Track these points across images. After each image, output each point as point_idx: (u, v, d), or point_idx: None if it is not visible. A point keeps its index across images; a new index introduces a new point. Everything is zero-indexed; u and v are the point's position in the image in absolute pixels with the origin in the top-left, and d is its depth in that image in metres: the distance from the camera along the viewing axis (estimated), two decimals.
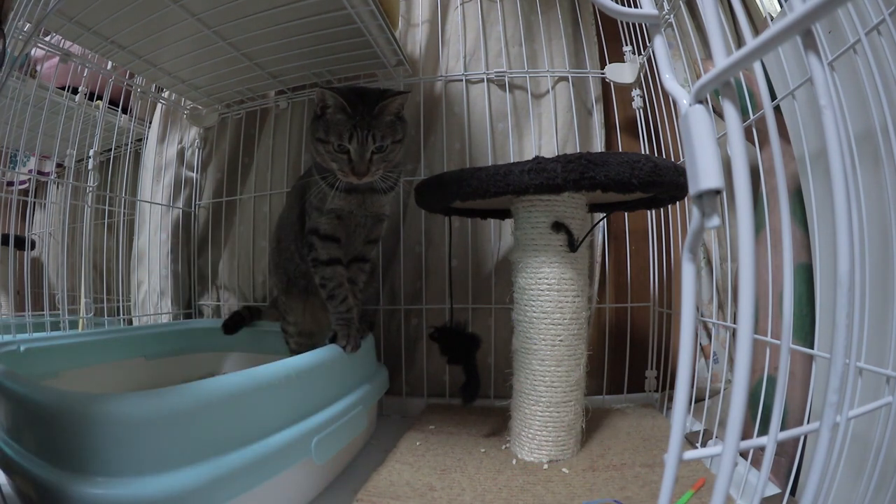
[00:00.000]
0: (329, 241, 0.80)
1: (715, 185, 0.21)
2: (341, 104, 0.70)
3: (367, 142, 0.70)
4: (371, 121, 0.71)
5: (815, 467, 0.23)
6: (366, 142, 0.70)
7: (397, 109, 0.74)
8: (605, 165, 0.60)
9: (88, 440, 0.44)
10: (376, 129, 0.71)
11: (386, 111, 0.72)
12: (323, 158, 0.73)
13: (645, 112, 1.06)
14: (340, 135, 0.70)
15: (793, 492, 0.56)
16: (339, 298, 0.78)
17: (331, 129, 0.71)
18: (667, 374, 1.00)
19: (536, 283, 0.71)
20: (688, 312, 0.23)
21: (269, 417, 0.56)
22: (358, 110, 0.70)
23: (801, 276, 0.67)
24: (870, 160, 0.49)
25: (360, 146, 0.70)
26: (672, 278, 1.02)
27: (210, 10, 0.83)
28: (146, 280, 1.30)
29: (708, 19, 0.24)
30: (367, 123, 0.70)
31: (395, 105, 0.73)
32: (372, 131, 0.70)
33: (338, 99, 0.70)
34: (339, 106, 0.71)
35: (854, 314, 0.23)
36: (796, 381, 0.65)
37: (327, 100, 0.71)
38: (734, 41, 0.85)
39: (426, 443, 0.79)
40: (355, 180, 0.72)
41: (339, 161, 0.72)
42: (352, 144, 0.70)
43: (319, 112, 0.74)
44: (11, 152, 1.37)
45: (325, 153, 0.72)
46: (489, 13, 1.13)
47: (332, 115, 0.72)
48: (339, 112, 0.71)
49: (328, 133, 0.71)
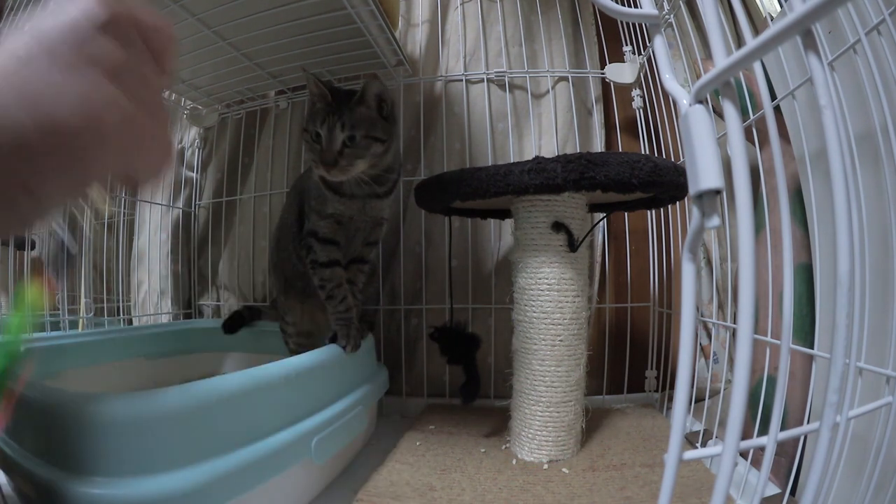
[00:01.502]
0: (328, 244, 0.79)
1: (715, 185, 0.21)
2: (323, 92, 0.70)
3: (336, 129, 0.68)
4: (345, 109, 0.69)
5: (815, 467, 0.23)
6: (334, 128, 0.68)
7: (376, 101, 0.71)
8: (605, 165, 0.60)
9: (87, 440, 0.44)
10: (347, 118, 0.68)
11: (362, 101, 0.70)
12: (308, 152, 0.73)
13: (645, 112, 1.06)
14: (315, 121, 0.70)
15: (793, 492, 0.56)
16: (339, 298, 0.78)
17: (312, 118, 0.71)
18: (667, 374, 1.00)
19: (536, 283, 0.71)
20: (688, 312, 0.23)
21: (269, 417, 0.56)
22: (337, 99, 0.70)
23: (801, 276, 0.67)
24: (870, 160, 0.49)
25: (329, 132, 0.68)
26: (672, 278, 1.02)
27: (210, 10, 0.83)
28: (146, 280, 1.30)
29: (708, 19, 0.24)
30: (339, 111, 0.68)
31: (369, 94, 0.70)
32: (343, 119, 0.68)
33: (320, 86, 0.70)
34: (321, 94, 0.70)
35: (854, 314, 0.23)
36: (796, 381, 0.65)
37: (311, 87, 0.72)
38: (734, 41, 0.85)
39: (426, 443, 0.79)
40: (325, 173, 0.69)
41: (314, 150, 0.70)
42: (322, 130, 0.68)
43: (311, 105, 0.74)
44: None
45: (305, 143, 0.72)
46: (489, 13, 1.13)
47: (316, 105, 0.72)
48: (320, 100, 0.71)
49: (308, 122, 0.71)
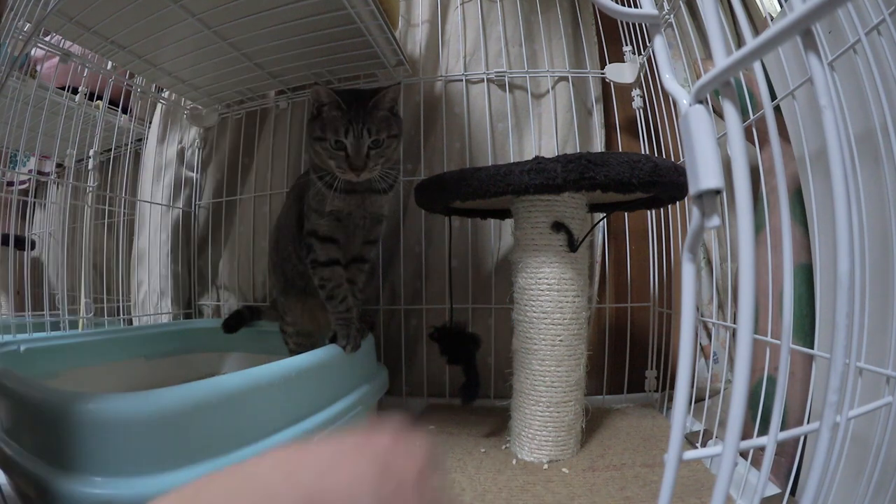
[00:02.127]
0: (328, 243, 0.79)
1: (715, 185, 0.21)
2: (336, 101, 0.71)
3: (363, 135, 0.70)
4: (365, 115, 0.71)
5: (815, 467, 0.23)
6: (361, 135, 0.70)
7: (391, 104, 0.74)
8: (605, 165, 0.60)
9: (87, 440, 0.44)
10: (371, 123, 0.71)
11: (380, 105, 0.72)
12: (321, 158, 0.73)
13: (645, 112, 1.06)
14: (336, 130, 0.70)
15: (793, 492, 0.56)
16: (339, 298, 0.78)
17: (327, 126, 0.71)
18: (667, 374, 1.00)
19: (536, 283, 0.71)
20: (688, 312, 0.23)
21: (269, 418, 0.56)
22: (352, 106, 0.71)
23: (801, 276, 0.67)
24: (870, 160, 0.49)
25: (357, 140, 0.70)
26: (672, 278, 1.02)
27: (210, 10, 0.83)
28: (146, 280, 1.30)
29: (708, 19, 0.24)
30: (361, 118, 0.70)
31: (387, 98, 0.73)
32: (367, 125, 0.70)
33: (332, 95, 0.71)
34: (334, 102, 0.71)
35: (854, 314, 0.23)
36: (796, 381, 0.65)
37: (322, 97, 0.72)
38: (734, 41, 0.85)
39: None
40: (354, 177, 0.71)
41: (336, 158, 0.71)
42: (348, 139, 0.70)
43: (315, 112, 0.74)
44: (11, 152, 1.37)
45: (323, 151, 0.72)
46: (489, 13, 1.13)
47: (327, 113, 0.72)
48: (335, 109, 0.71)
49: (325, 130, 0.71)
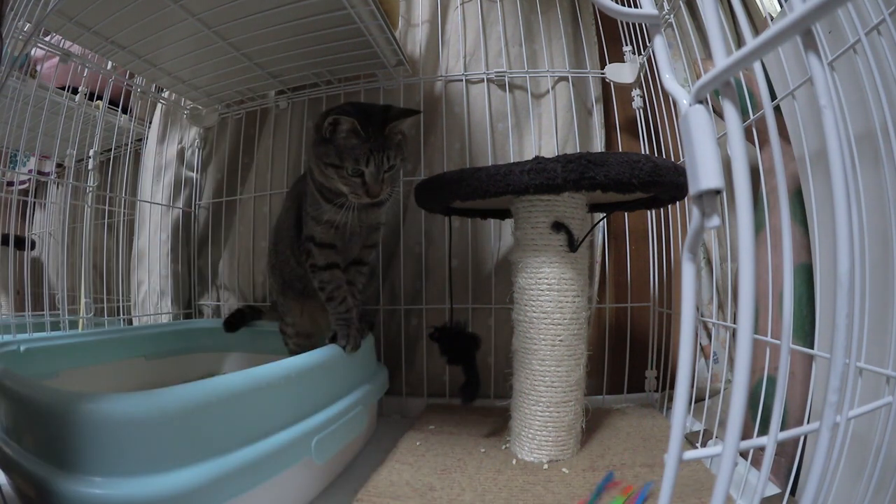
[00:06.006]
0: (326, 248, 0.80)
1: (715, 185, 0.21)
2: (355, 128, 0.69)
3: (382, 165, 0.71)
4: (384, 142, 0.70)
5: (815, 467, 0.23)
6: (381, 164, 0.70)
7: (406, 128, 0.75)
8: (605, 165, 0.60)
9: (87, 440, 0.44)
10: (389, 150, 0.71)
11: (396, 131, 0.73)
12: (332, 182, 0.72)
13: (645, 112, 1.06)
14: (357, 159, 0.69)
15: (793, 492, 0.56)
16: (339, 299, 0.78)
17: (345, 155, 0.69)
18: (667, 374, 1.00)
19: (536, 283, 0.71)
20: (688, 312, 0.23)
21: (269, 417, 0.56)
22: (370, 132, 0.69)
23: (801, 276, 0.67)
24: (870, 160, 0.49)
25: (376, 169, 0.70)
26: (672, 278, 1.02)
27: (210, 10, 0.83)
28: (146, 280, 1.30)
29: (708, 19, 0.24)
30: (381, 146, 0.70)
31: (405, 125, 0.74)
32: (386, 153, 0.70)
33: (353, 123, 0.68)
34: (353, 130, 0.69)
35: (854, 314, 0.23)
36: (796, 381, 0.65)
37: (341, 124, 0.69)
38: (734, 41, 0.85)
39: (426, 443, 0.79)
40: (369, 201, 0.72)
41: (352, 185, 0.71)
42: (368, 168, 0.70)
43: (328, 136, 0.71)
44: (11, 152, 1.37)
45: (338, 177, 0.71)
46: (489, 13, 1.13)
47: (344, 140, 0.70)
48: (353, 136, 0.70)
49: (342, 158, 0.70)
